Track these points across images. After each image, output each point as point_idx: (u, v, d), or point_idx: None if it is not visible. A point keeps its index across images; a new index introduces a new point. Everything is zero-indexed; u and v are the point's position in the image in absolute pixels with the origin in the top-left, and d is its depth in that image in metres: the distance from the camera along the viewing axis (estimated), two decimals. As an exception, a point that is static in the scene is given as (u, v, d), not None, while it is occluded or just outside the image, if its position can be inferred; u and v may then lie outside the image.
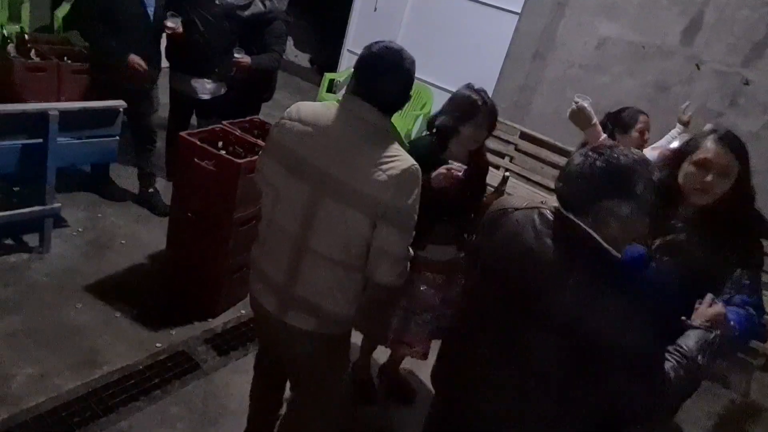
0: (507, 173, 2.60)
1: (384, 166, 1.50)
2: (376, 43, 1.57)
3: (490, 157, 4.87)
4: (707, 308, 1.38)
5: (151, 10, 3.32)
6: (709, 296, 1.41)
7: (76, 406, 2.20)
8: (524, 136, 4.88)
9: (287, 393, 2.09)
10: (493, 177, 2.85)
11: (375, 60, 1.54)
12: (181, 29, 3.38)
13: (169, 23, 3.34)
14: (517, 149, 4.92)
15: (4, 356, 2.33)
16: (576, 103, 2.11)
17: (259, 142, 2.86)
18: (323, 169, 1.53)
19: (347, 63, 6.27)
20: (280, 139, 1.62)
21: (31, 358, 2.35)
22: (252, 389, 2.12)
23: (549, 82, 4.88)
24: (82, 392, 2.27)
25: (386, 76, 1.54)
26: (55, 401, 2.20)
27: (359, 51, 1.61)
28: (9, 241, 2.98)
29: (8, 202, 3.05)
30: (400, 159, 1.53)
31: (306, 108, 1.63)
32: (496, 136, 5.01)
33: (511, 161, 4.90)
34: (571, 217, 1.24)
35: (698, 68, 4.27)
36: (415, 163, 1.55)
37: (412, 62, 1.56)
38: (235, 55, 3.61)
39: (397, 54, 1.54)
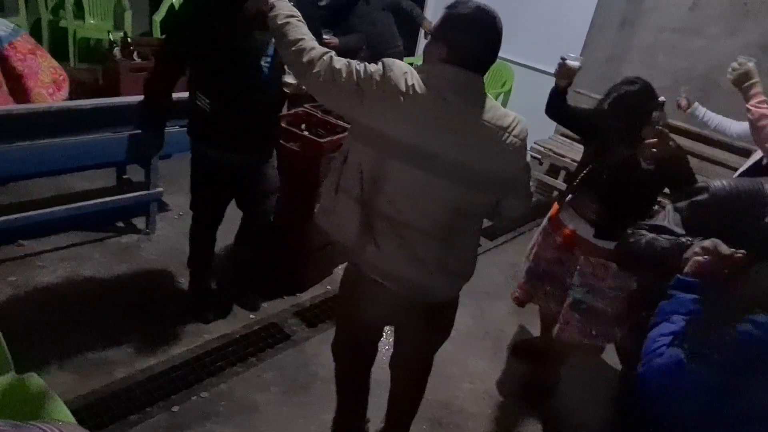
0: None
1: (509, 128, 1.50)
2: (461, 3, 1.47)
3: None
4: None
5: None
6: None
7: (182, 369, 2.41)
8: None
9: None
10: (577, 152, 2.74)
11: (470, 21, 1.45)
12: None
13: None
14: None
15: (121, 324, 2.59)
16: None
17: (340, 122, 2.95)
18: (455, 159, 1.46)
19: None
20: (396, 122, 1.44)
21: (144, 326, 2.59)
22: (346, 374, 2.07)
23: (639, 51, 4.61)
24: (188, 357, 2.48)
25: (483, 36, 1.46)
26: (165, 364, 2.42)
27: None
28: (121, 224, 3.29)
29: (119, 188, 3.37)
30: (510, 114, 1.53)
31: (411, 78, 1.45)
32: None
33: (598, 136, 4.69)
34: None
35: (812, 22, 3.87)
36: (519, 116, 1.55)
37: (499, 19, 1.49)
38: (324, 37, 3.72)
39: (489, 11, 1.46)
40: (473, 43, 1.45)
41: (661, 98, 2.12)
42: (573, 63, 2.29)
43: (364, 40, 4.00)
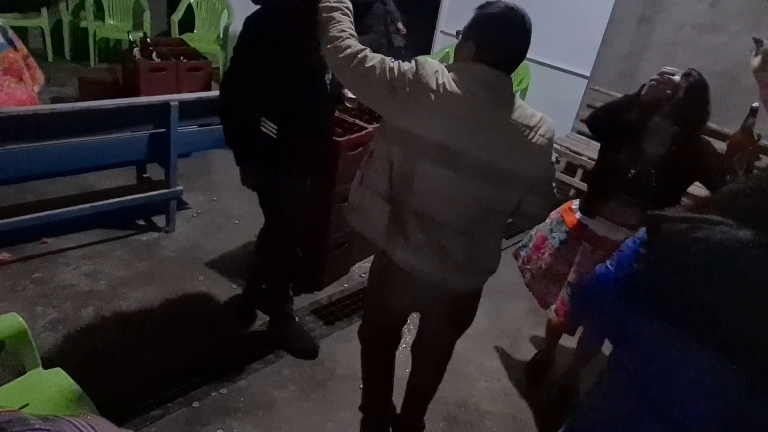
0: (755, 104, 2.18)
1: (536, 128, 1.51)
2: (492, 3, 1.51)
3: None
4: None
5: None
6: None
7: (202, 365, 2.44)
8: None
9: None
10: (595, 150, 2.70)
11: (500, 21, 1.48)
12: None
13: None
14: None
15: (142, 320, 2.63)
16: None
17: (357, 121, 2.96)
18: (481, 158, 1.48)
19: (441, 44, 6.25)
20: (425, 122, 1.48)
21: (164, 323, 2.64)
22: (372, 357, 2.14)
23: (657, 48, 4.56)
24: (207, 353, 2.51)
25: (513, 36, 1.49)
26: (185, 360, 2.45)
27: (453, 32, 1.59)
28: (141, 222, 3.34)
29: (140, 187, 3.42)
30: (537, 114, 1.54)
31: (442, 76, 1.48)
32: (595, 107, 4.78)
33: (615, 134, 4.64)
34: None
35: (838, 17, 3.79)
36: (543, 114, 1.56)
37: (528, 18, 1.51)
38: None
39: (519, 11, 1.49)
40: (502, 42, 1.49)
41: (755, 104, 2.07)
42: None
43: (382, 40, 4.01)
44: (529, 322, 3.12)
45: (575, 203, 2.44)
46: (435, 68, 1.49)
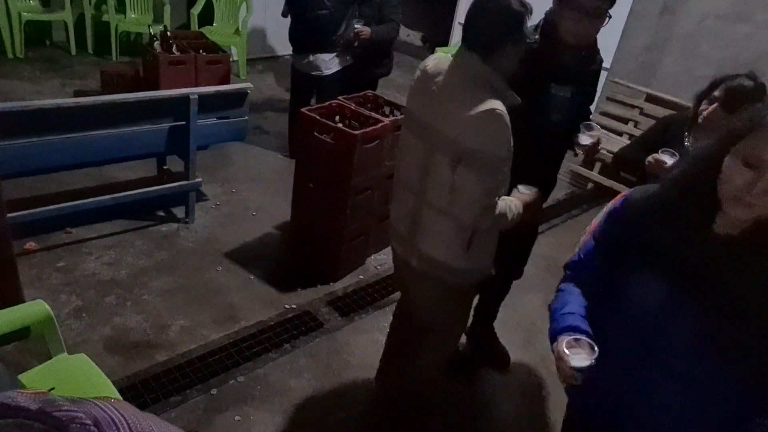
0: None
1: (467, 109, 1.56)
2: None
3: (612, 123, 4.61)
4: None
5: None
6: None
7: (220, 354, 2.49)
8: (651, 98, 4.53)
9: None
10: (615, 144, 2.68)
11: (474, 4, 1.63)
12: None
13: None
14: (642, 113, 4.59)
15: (162, 309, 2.69)
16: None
17: (373, 115, 2.97)
18: (428, 122, 1.68)
19: (458, 37, 6.22)
20: (409, 96, 1.80)
21: (183, 312, 2.70)
22: (389, 331, 2.35)
23: (680, 38, 4.48)
24: (225, 342, 2.56)
25: (480, 15, 1.61)
26: (204, 348, 2.51)
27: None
28: (161, 213, 3.40)
29: (160, 179, 3.48)
30: (484, 101, 1.56)
31: (431, 61, 1.75)
32: (618, 101, 4.72)
33: (635, 126, 4.59)
34: None
35: None
36: (499, 107, 1.56)
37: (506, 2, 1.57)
38: (356, 26, 3.74)
39: None
40: (468, 21, 1.64)
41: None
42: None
43: (396, 30, 3.99)
44: (545, 315, 3.11)
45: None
46: (431, 58, 1.77)
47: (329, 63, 3.82)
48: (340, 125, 2.90)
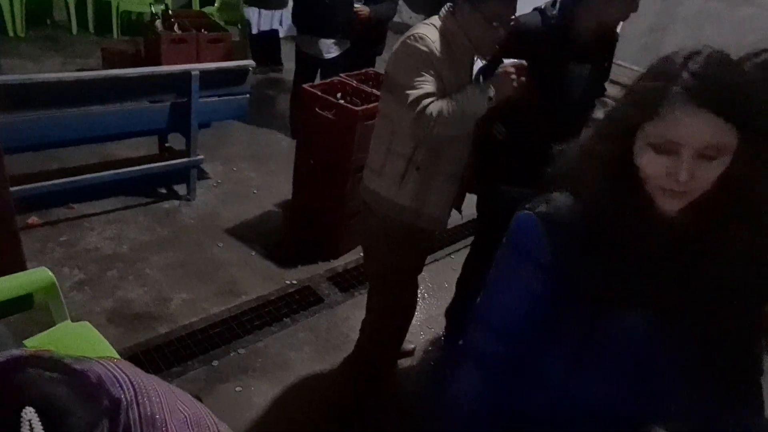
0: None
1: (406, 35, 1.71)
2: None
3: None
4: None
5: None
6: None
7: (221, 327, 2.52)
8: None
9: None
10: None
11: None
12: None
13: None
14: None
15: (163, 283, 2.72)
16: None
17: (375, 91, 2.97)
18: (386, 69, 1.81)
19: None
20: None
21: (184, 286, 2.72)
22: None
23: (684, 20, 4.46)
24: (226, 316, 2.59)
25: None
26: (205, 321, 2.54)
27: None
28: (163, 190, 3.42)
29: (161, 156, 3.49)
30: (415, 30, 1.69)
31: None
32: (619, 83, 4.71)
33: (637, 109, 4.57)
34: None
35: None
36: (422, 32, 1.66)
37: None
38: (355, 5, 3.74)
39: None
40: None
41: None
42: None
43: (394, 9, 3.99)
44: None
45: None
46: None
47: (330, 47, 3.81)
48: (341, 102, 2.91)
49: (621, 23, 2.00)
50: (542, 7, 1.96)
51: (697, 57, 0.80)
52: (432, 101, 1.61)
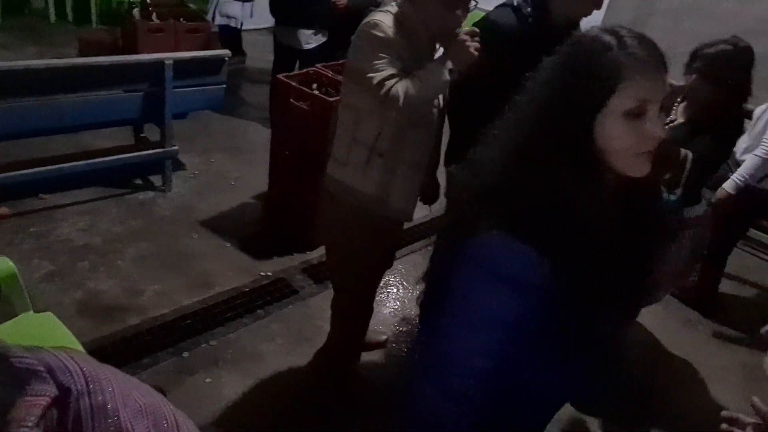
0: None
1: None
2: None
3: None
4: None
5: None
6: None
7: (192, 318, 2.50)
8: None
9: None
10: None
11: None
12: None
13: None
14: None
15: (135, 274, 2.69)
16: None
17: (351, 82, 2.95)
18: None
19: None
20: None
21: (156, 277, 2.70)
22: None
23: (663, 14, 4.48)
24: (198, 307, 2.57)
25: None
26: (176, 313, 2.52)
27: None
28: (138, 181, 3.38)
29: (136, 146, 3.45)
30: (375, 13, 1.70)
31: None
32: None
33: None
34: None
35: None
36: (378, 18, 1.67)
37: None
38: None
39: None
40: None
41: None
42: None
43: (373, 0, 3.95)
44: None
45: None
46: None
47: (308, 38, 3.78)
48: (316, 92, 2.88)
49: (602, 20, 2.02)
50: (514, 4, 1.94)
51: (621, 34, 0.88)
52: (396, 81, 1.62)
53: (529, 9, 1.90)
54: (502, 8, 1.97)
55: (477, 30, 1.70)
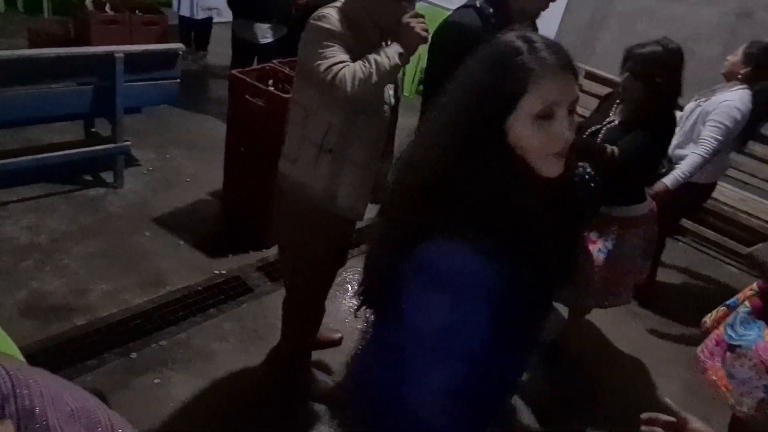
0: None
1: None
2: None
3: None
4: None
5: None
6: None
7: (142, 318, 2.45)
8: (590, 75, 4.62)
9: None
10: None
11: None
12: None
13: None
14: (582, 90, 4.67)
15: (83, 273, 2.62)
16: None
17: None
18: None
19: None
20: None
21: (105, 276, 2.63)
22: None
23: (619, 17, 4.59)
24: (148, 307, 2.52)
25: None
26: (125, 313, 2.46)
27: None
28: (89, 177, 3.29)
29: (87, 141, 3.35)
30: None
31: None
32: (559, 77, 4.81)
33: (575, 103, 4.68)
34: None
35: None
36: (320, 13, 1.68)
37: None
38: None
39: None
40: None
41: None
42: None
43: None
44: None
45: None
46: None
47: (265, 32, 3.74)
48: (272, 89, 2.85)
49: (560, 21, 2.07)
50: (477, 5, 1.95)
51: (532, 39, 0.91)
52: (344, 65, 1.61)
53: (491, 10, 1.93)
54: (465, 9, 1.99)
55: (421, 13, 1.71)
